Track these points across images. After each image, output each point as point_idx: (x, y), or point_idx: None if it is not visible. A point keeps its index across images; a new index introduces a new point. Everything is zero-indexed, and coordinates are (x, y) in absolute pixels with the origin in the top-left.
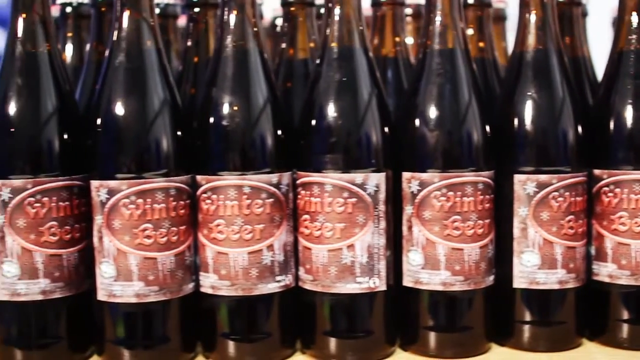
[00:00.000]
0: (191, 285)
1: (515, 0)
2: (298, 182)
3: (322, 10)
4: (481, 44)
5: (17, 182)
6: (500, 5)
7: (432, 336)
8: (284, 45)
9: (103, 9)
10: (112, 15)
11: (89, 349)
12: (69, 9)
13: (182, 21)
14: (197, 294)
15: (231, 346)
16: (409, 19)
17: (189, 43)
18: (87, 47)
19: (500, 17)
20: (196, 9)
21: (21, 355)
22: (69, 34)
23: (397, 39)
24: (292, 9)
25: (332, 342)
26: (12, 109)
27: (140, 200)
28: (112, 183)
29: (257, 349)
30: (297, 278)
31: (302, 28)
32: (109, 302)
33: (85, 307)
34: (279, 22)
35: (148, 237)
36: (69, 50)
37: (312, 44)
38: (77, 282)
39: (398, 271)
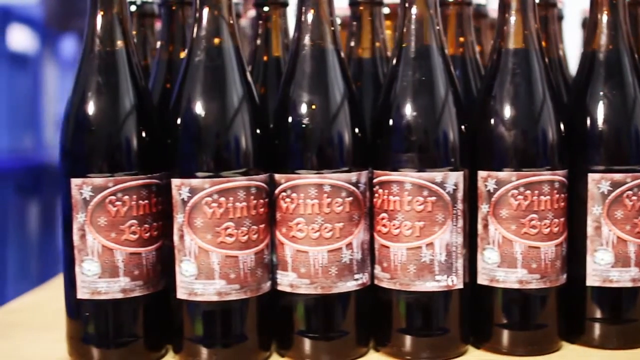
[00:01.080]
0: (268, 284)
1: (573, 1)
2: (375, 180)
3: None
4: (544, 44)
5: (98, 181)
6: (560, 6)
7: (506, 334)
8: (352, 44)
9: (173, 7)
10: (191, 14)
11: (163, 348)
12: (133, 8)
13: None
14: (274, 292)
15: (308, 344)
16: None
17: (258, 42)
18: (152, 45)
19: (561, 17)
20: (265, 8)
21: (99, 354)
22: (133, 32)
23: (377, 40)
24: (361, 8)
25: (408, 340)
26: (92, 107)
27: (222, 199)
28: (195, 181)
29: (334, 347)
30: (372, 276)
31: (368, 27)
32: (189, 301)
33: (161, 305)
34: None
35: (230, 235)
36: None
37: (378, 44)
38: (155, 280)
39: (472, 269)
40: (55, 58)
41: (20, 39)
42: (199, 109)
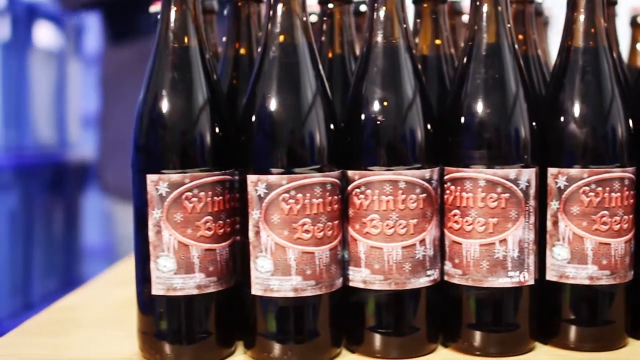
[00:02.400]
0: (340, 280)
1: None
2: (446, 177)
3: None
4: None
5: (174, 177)
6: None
7: (574, 330)
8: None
9: (239, 3)
10: (265, 10)
11: (234, 344)
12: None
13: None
14: (345, 288)
15: (379, 340)
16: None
17: (323, 39)
18: (212, 42)
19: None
20: (330, 5)
21: (171, 350)
22: None
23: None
24: (424, 5)
25: (478, 336)
26: (168, 103)
27: (299, 195)
28: (272, 178)
29: (405, 343)
30: (441, 272)
31: (432, 25)
32: (264, 297)
33: (232, 301)
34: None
35: (307, 231)
36: None
37: (438, 41)
38: (228, 276)
39: (541, 265)
40: (78, 54)
41: (45, 35)
42: (275, 105)
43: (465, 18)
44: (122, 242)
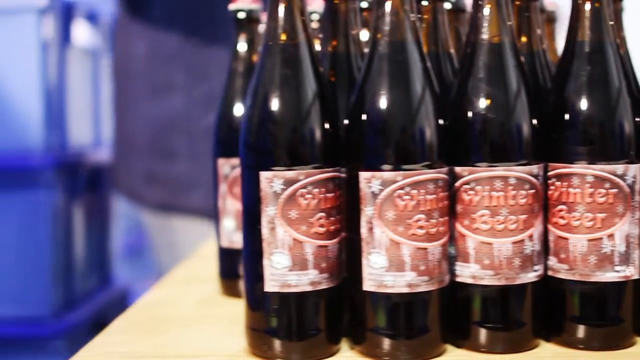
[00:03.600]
0: (448, 276)
1: None
2: (551, 173)
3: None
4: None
5: (289, 174)
6: None
7: None
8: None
9: (336, 1)
10: (374, 9)
11: (341, 340)
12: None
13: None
14: (451, 283)
15: (486, 335)
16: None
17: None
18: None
19: None
20: (424, 2)
21: (281, 346)
22: None
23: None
24: (517, 2)
25: (582, 330)
26: (281, 100)
27: (414, 191)
28: (387, 175)
29: (512, 337)
30: (545, 267)
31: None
32: (377, 292)
33: (341, 298)
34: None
35: (421, 227)
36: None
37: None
38: (338, 273)
39: None
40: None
41: (82, 33)
42: (387, 102)
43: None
44: (160, 251)
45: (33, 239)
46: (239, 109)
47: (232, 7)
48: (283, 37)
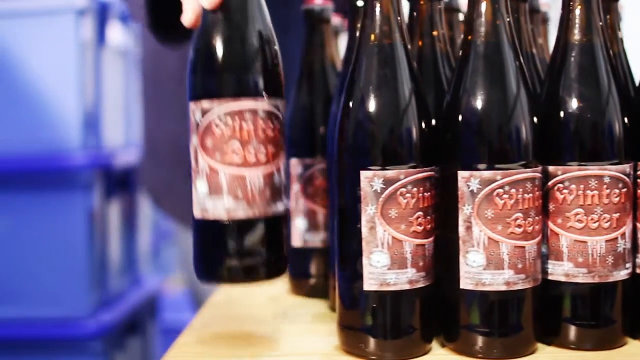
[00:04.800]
0: (540, 274)
1: None
2: None
3: None
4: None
5: (390, 173)
6: None
7: None
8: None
9: (421, 2)
10: (468, 10)
11: (433, 339)
12: (359, 3)
13: None
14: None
15: (576, 332)
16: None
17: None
18: None
19: None
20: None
21: (375, 344)
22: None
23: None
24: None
25: None
26: (380, 100)
27: (513, 190)
28: (486, 174)
29: (603, 334)
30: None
31: None
32: (474, 290)
33: (434, 296)
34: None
35: (519, 226)
36: None
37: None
38: (432, 271)
39: None
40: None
41: (116, 34)
42: (484, 102)
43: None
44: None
45: (70, 239)
46: (313, 109)
47: (305, 7)
48: (380, 37)
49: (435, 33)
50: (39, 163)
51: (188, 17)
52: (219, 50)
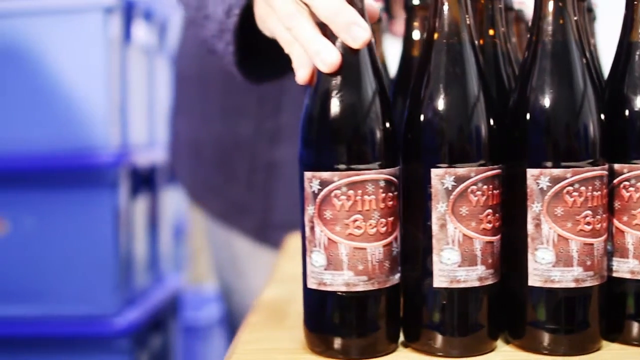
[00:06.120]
0: (606, 272)
1: None
2: None
3: None
4: None
5: (461, 171)
6: None
7: None
8: None
9: (482, 0)
10: (535, 9)
11: (499, 336)
12: (416, 1)
13: None
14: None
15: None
16: None
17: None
18: None
19: None
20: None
21: (445, 341)
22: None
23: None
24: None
25: None
26: (451, 98)
27: (583, 188)
28: (556, 171)
29: None
30: None
31: None
32: (542, 287)
33: (501, 293)
34: None
35: (588, 223)
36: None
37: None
38: (500, 269)
39: None
40: (164, 51)
41: (140, 32)
42: (552, 101)
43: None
44: (221, 263)
45: (97, 237)
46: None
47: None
48: (449, 36)
49: (494, 32)
50: (66, 161)
51: (304, 75)
52: (343, 122)
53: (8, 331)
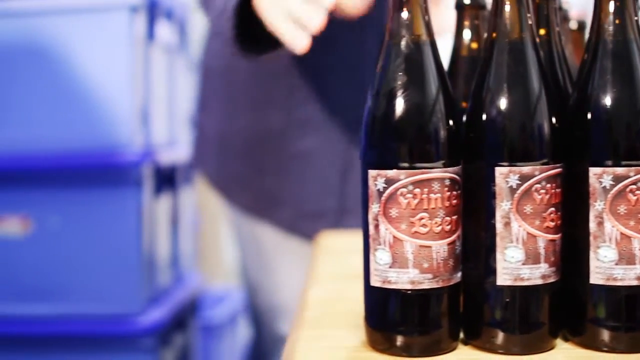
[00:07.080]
0: None
1: None
2: None
3: None
4: None
5: (526, 169)
6: None
7: None
8: None
9: (537, 1)
10: (595, 9)
11: (559, 334)
12: (467, 1)
13: None
14: None
15: None
16: None
17: None
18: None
19: None
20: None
21: (503, 338)
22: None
23: None
24: None
25: None
26: (511, 98)
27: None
28: (619, 170)
29: None
30: None
31: None
32: (604, 285)
33: (562, 291)
34: None
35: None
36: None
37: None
38: (561, 267)
39: None
40: (185, 50)
41: (162, 31)
42: (615, 100)
43: None
44: (248, 259)
45: (121, 236)
46: None
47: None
48: (512, 33)
49: (546, 30)
50: (90, 160)
51: (302, 44)
52: (409, 121)
53: (33, 330)
